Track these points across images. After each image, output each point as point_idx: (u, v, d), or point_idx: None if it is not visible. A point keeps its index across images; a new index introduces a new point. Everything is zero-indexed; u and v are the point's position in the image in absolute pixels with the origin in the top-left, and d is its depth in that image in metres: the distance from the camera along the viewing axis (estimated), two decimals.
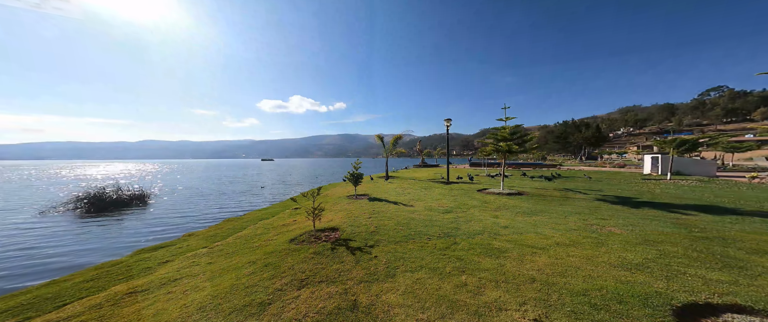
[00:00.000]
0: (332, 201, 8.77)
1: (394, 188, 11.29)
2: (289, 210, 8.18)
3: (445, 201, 7.78)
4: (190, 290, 3.03)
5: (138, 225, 8.75)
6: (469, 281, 2.85)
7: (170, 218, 9.88)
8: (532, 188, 10.56)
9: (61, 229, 8.02)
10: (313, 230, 4.70)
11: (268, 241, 4.81)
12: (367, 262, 3.43)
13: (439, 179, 15.36)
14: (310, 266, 3.35)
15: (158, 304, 2.69)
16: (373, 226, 5.02)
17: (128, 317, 2.45)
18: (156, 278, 3.42)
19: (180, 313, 2.47)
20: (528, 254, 3.51)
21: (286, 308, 2.50)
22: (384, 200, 8.41)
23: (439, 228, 4.84)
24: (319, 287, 2.85)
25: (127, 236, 7.62)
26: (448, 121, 13.92)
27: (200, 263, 3.99)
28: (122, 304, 2.72)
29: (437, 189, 10.85)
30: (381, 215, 5.99)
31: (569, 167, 28.35)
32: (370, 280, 2.95)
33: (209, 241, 5.90)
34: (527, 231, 4.57)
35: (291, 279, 3.04)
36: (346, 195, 9.77)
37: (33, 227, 8.14)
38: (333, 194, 10.73)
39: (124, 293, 2.95)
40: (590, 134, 57.92)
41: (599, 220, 5.26)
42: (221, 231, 6.94)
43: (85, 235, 7.50)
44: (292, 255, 3.72)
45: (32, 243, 6.67)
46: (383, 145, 17.92)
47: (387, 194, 9.64)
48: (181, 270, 3.68)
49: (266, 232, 5.58)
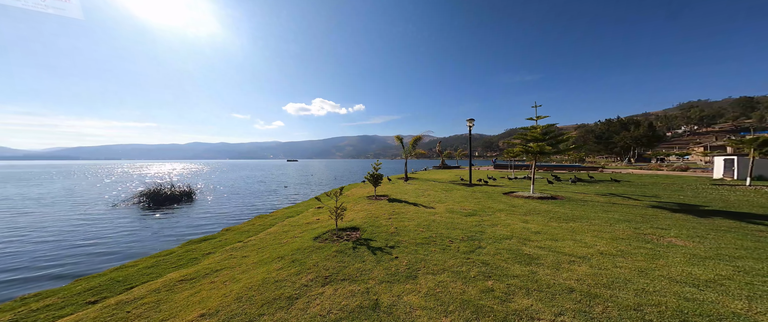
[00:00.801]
0: (353, 201, 8.97)
1: (414, 190, 11.20)
2: (313, 209, 8.54)
3: (467, 204, 7.53)
4: (229, 281, 3.32)
5: (186, 219, 9.80)
6: (496, 286, 2.74)
7: (211, 214, 10.90)
8: (570, 192, 9.76)
9: (128, 220, 9.29)
10: (336, 229, 4.86)
11: (294, 238, 5.08)
12: (388, 262, 3.46)
13: (460, 181, 14.90)
14: (334, 263, 3.47)
15: (203, 292, 3.00)
16: (393, 227, 5.05)
17: (180, 302, 2.77)
18: (201, 268, 3.81)
19: (221, 302, 2.72)
20: (565, 263, 3.27)
21: (311, 303, 2.62)
22: (404, 201, 8.39)
23: (462, 231, 4.71)
24: (341, 284, 2.94)
25: (177, 228, 8.58)
26: (471, 121, 13.42)
27: (236, 256, 4.35)
28: (175, 290, 3.08)
29: (459, 191, 10.53)
30: (401, 216, 5.99)
31: (614, 169, 25.53)
32: (391, 280, 2.97)
33: (243, 236, 6.41)
34: (564, 238, 4.25)
35: (316, 276, 3.18)
36: (365, 195, 9.92)
37: (108, 218, 9.54)
38: (353, 194, 10.96)
39: (177, 280, 3.34)
40: (641, 133, 51.02)
41: (656, 229, 4.71)
42: (253, 227, 7.48)
43: (145, 226, 8.61)
44: (316, 253, 3.89)
45: (108, 232, 7.82)
46: (402, 146, 17.87)
47: (406, 196, 9.60)
48: (222, 262, 4.05)
49: (292, 229, 5.89)
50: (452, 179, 16.51)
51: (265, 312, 2.50)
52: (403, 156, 18.16)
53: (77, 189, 17.93)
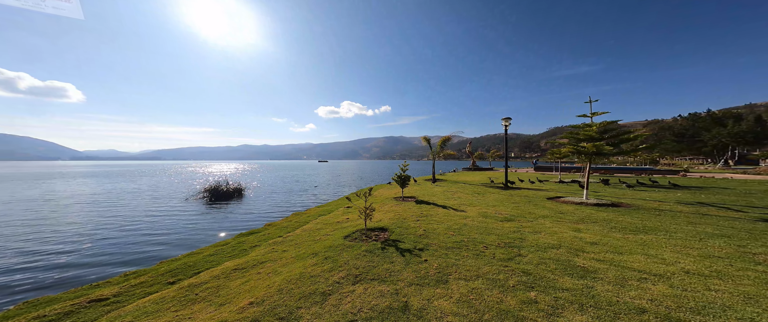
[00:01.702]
0: (380, 202, 9.08)
1: (442, 192, 10.87)
2: (342, 208, 8.89)
3: (503, 208, 7.04)
4: (272, 273, 3.66)
5: (237, 213, 11.13)
6: (541, 298, 2.51)
7: (256, 209, 12.17)
8: (638, 200, 8.34)
9: (196, 213, 10.93)
10: (365, 228, 4.99)
11: (326, 236, 5.36)
12: (417, 265, 3.42)
13: (494, 184, 13.94)
14: (363, 263, 3.56)
15: (251, 282, 3.36)
16: (421, 229, 4.98)
17: (235, 289, 3.16)
18: (250, 259, 4.28)
19: (265, 292, 3.02)
20: (632, 279, 2.86)
21: (343, 300, 2.73)
22: (432, 203, 8.20)
23: (498, 237, 4.42)
24: (371, 284, 3.01)
25: (231, 221, 9.80)
26: (507, 120, 12.40)
27: (278, 250, 4.77)
28: (231, 277, 3.51)
29: (493, 195, 9.89)
30: (430, 218, 5.87)
31: (703, 173, 20.93)
32: (420, 283, 2.93)
33: (283, 231, 6.98)
34: (631, 251, 3.70)
35: (346, 274, 3.31)
36: (392, 197, 9.96)
37: (182, 210, 11.37)
38: (380, 195, 11.10)
39: (232, 269, 3.81)
40: (744, 129, 40.70)
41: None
42: (291, 223, 8.10)
43: (208, 218, 10.04)
44: (347, 251, 4.04)
45: (182, 222, 9.32)
46: (430, 147, 17.44)
47: (435, 198, 9.37)
48: (266, 255, 4.49)
49: (324, 227, 6.23)
50: (484, 182, 15.56)
51: (302, 305, 2.68)
52: (431, 157, 17.74)
53: (160, 185, 21.70)
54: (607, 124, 7.81)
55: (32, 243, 6.60)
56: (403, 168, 9.23)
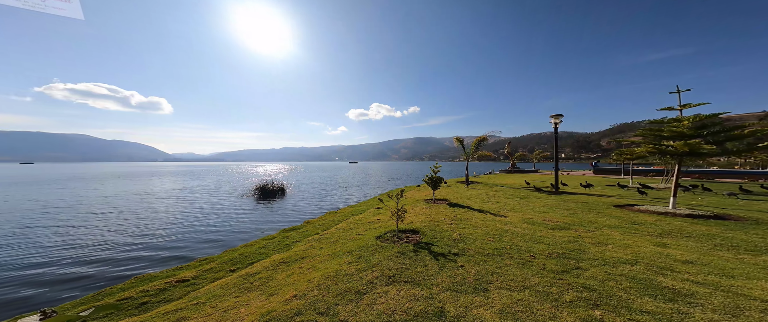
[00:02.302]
0: (411, 204, 8.99)
1: (478, 195, 10.22)
2: (373, 209, 9.06)
3: (554, 215, 6.34)
4: (311, 269, 3.93)
5: (280, 210, 12.32)
6: (610, 319, 2.17)
7: (295, 207, 13.26)
8: (755, 212, 6.70)
9: (249, 208, 12.47)
10: (396, 230, 4.99)
11: (359, 235, 5.53)
12: (452, 270, 3.28)
13: (539, 188, 12.52)
14: (396, 264, 3.56)
15: (295, 275, 3.67)
16: (455, 233, 4.76)
17: (281, 281, 3.49)
18: (293, 254, 4.68)
19: (306, 286, 3.26)
20: (752, 310, 2.29)
21: (377, 301, 2.77)
22: (466, 206, 7.79)
23: (548, 246, 3.98)
24: (404, 286, 2.98)
25: (276, 217, 10.88)
26: (558, 117, 11.01)
27: (316, 247, 5.10)
28: (278, 270, 3.90)
29: (539, 199, 8.94)
30: (465, 222, 5.58)
31: None
32: (457, 289, 2.80)
33: (319, 229, 7.44)
34: (749, 275, 3.02)
35: (380, 274, 3.35)
36: (423, 198, 9.76)
37: (239, 205, 13.11)
38: (410, 197, 10.98)
39: (278, 261, 4.22)
40: None
41: None
42: (326, 222, 8.59)
43: (258, 214, 11.35)
44: (379, 251, 4.10)
45: (239, 215, 10.74)
46: (463, 148, 16.56)
47: (469, 201, 8.87)
48: (306, 251, 4.85)
49: (357, 227, 6.43)
50: (527, 185, 14.10)
51: (339, 302, 2.80)
52: (464, 159, 16.83)
53: (222, 183, 25.32)
54: (704, 117, 6.24)
55: (137, 228, 8.40)
56: (435, 170, 8.96)
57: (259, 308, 2.69)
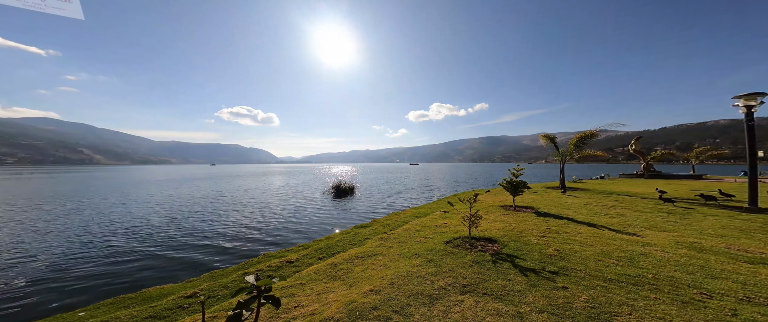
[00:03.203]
0: (483, 209, 8.16)
1: (582, 204, 8.16)
2: (439, 212, 8.75)
3: (748, 242, 4.41)
4: (382, 266, 4.21)
5: (351, 208, 13.86)
6: None
7: (363, 206, 14.55)
8: None
9: (328, 204, 14.70)
10: (469, 236, 4.64)
11: (426, 238, 5.48)
12: (549, 290, 2.77)
13: (710, 197, 8.45)
14: (471, 273, 3.32)
15: (369, 270, 4.05)
16: (551, 248, 3.98)
17: (358, 274, 3.94)
18: (366, 250, 5.17)
19: (380, 282, 3.52)
20: None
21: (452, 309, 2.66)
22: (564, 217, 6.38)
23: (744, 287, 2.80)
24: (483, 299, 2.74)
25: (349, 214, 12.33)
26: (756, 98, 6.84)
27: (385, 245, 5.43)
28: (355, 263, 4.41)
29: (714, 218, 6.25)
30: (564, 236, 4.60)
31: None
32: (558, 313, 2.34)
33: (386, 228, 7.84)
34: None
35: (453, 281, 3.21)
36: (498, 204, 8.65)
37: (320, 201, 15.72)
38: (482, 202, 9.95)
39: (355, 255, 4.78)
40: None
41: None
42: (391, 222, 8.95)
43: (335, 210, 13.23)
44: (450, 257, 3.93)
45: (320, 210, 12.89)
46: (555, 146, 13.48)
47: (569, 211, 7.23)
48: (377, 248, 5.25)
49: (423, 229, 6.39)
50: (681, 195, 10.11)
51: (412, 303, 2.87)
52: (555, 160, 13.71)
53: (308, 182, 30.84)
54: None
55: (259, 215, 11.47)
56: (516, 172, 7.74)
57: (342, 296, 3.12)
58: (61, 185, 25.42)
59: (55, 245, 7.13)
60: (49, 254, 6.33)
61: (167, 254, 6.37)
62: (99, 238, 7.85)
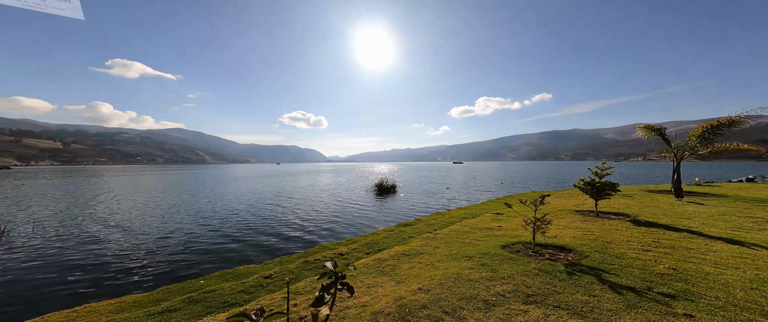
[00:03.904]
0: (551, 214, 7.13)
1: (717, 215, 6.28)
2: (490, 214, 8.02)
3: None
4: (430, 266, 4.13)
5: (394, 206, 14.05)
6: None
7: (405, 205, 14.55)
8: None
9: (371, 201, 15.35)
10: (532, 243, 4.11)
11: (477, 241, 5.10)
12: (661, 315, 2.25)
13: None
14: (537, 282, 2.93)
15: (416, 269, 4.03)
16: (662, 265, 3.22)
17: (405, 271, 3.98)
18: (411, 248, 5.18)
19: (429, 282, 3.47)
20: None
21: (513, 318, 2.41)
22: (682, 229, 5.06)
23: None
24: (555, 312, 2.39)
25: (392, 212, 12.55)
26: None
27: (431, 245, 5.31)
28: (401, 260, 4.47)
29: None
30: (684, 253, 3.68)
31: None
32: None
33: (431, 228, 7.65)
34: None
35: (513, 289, 2.90)
36: (572, 209, 7.38)
37: (364, 198, 16.52)
38: (549, 205, 8.72)
39: (400, 253, 4.85)
40: None
41: None
42: (436, 221, 8.67)
43: (378, 207, 13.69)
44: (508, 263, 3.56)
45: (365, 207, 13.54)
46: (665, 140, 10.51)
47: (689, 222, 5.66)
48: (422, 247, 5.19)
49: (472, 231, 5.97)
50: None
51: (464, 307, 2.72)
52: (669, 156, 10.72)
53: (352, 180, 32.72)
54: None
55: (310, 209, 12.82)
56: (600, 171, 6.41)
57: (391, 292, 3.20)
58: (185, 179, 34.04)
59: (185, 225, 9.61)
60: (180, 232, 8.58)
61: (247, 239, 7.78)
62: (205, 222, 10.19)
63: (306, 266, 4.75)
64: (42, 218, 10.87)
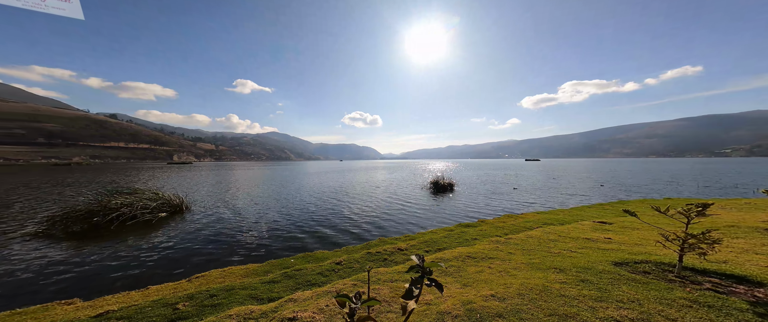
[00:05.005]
0: (720, 230, 5.11)
1: None
2: (589, 222, 6.39)
3: None
4: (503, 273, 3.59)
5: (451, 205, 13.17)
6: None
7: (464, 204, 13.35)
8: None
9: (427, 199, 14.92)
10: (676, 265, 2.97)
11: (570, 252, 4.12)
12: None
13: None
14: (690, 318, 2.09)
15: (485, 274, 3.58)
16: None
17: (472, 275, 3.60)
18: (477, 251, 4.67)
19: (504, 290, 3.00)
20: None
21: None
22: None
23: None
24: None
25: (449, 211, 11.80)
26: None
27: (502, 250, 4.63)
28: (466, 263, 4.09)
29: None
30: None
31: None
32: None
33: (500, 231, 6.74)
34: None
35: (641, 318, 2.15)
36: (756, 226, 5.11)
37: (420, 196, 16.24)
38: (714, 218, 6.21)
39: (465, 255, 4.44)
40: None
41: None
42: (506, 225, 7.59)
43: (434, 205, 13.17)
44: (629, 285, 2.68)
45: (422, 205, 13.28)
46: None
47: None
48: (491, 251, 4.59)
49: (561, 240, 4.88)
50: None
51: None
52: None
53: (407, 177, 32.82)
54: None
55: (367, 205, 13.51)
56: None
57: (458, 294, 2.94)
58: (278, 173, 42.90)
59: (276, 211, 11.95)
60: (271, 217, 10.64)
61: (316, 229, 8.80)
62: (287, 210, 12.36)
63: (369, 258, 5.00)
64: (202, 197, 15.61)
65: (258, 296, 3.50)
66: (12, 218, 9.90)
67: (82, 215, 8.28)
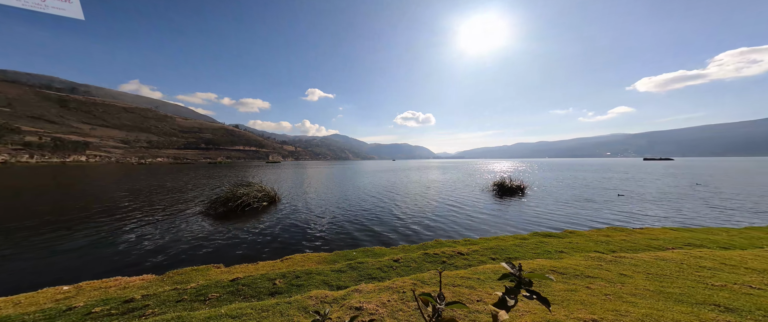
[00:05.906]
0: None
1: None
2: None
3: None
4: (613, 296, 2.70)
5: (522, 211, 11.20)
6: None
7: (541, 211, 11.09)
8: None
9: (489, 203, 13.31)
10: None
11: (752, 288, 2.78)
12: None
13: None
14: None
15: (581, 294, 2.78)
16: None
17: (559, 292, 2.85)
18: (566, 266, 3.72)
19: (613, 316, 2.23)
20: None
21: None
22: None
23: None
24: None
25: (520, 217, 10.09)
26: None
27: (610, 269, 3.53)
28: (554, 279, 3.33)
29: None
30: None
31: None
32: None
33: (601, 246, 5.28)
34: None
35: None
36: None
37: (479, 198, 14.64)
38: None
39: (548, 268, 3.61)
40: None
41: None
42: (611, 239, 5.89)
43: (500, 210, 11.59)
44: None
45: (483, 208, 11.94)
46: None
47: None
48: (589, 269, 3.57)
49: (728, 270, 3.36)
50: None
51: None
52: None
53: (463, 178, 30.17)
54: None
55: (426, 204, 13.09)
56: None
57: (539, 312, 2.38)
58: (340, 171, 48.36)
59: (335, 206, 13.33)
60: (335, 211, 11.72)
61: (373, 226, 9.08)
62: (347, 206, 13.48)
63: (426, 259, 4.81)
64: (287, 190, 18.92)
65: (329, 282, 3.82)
66: (190, 200, 14.19)
67: (222, 200, 11.06)
